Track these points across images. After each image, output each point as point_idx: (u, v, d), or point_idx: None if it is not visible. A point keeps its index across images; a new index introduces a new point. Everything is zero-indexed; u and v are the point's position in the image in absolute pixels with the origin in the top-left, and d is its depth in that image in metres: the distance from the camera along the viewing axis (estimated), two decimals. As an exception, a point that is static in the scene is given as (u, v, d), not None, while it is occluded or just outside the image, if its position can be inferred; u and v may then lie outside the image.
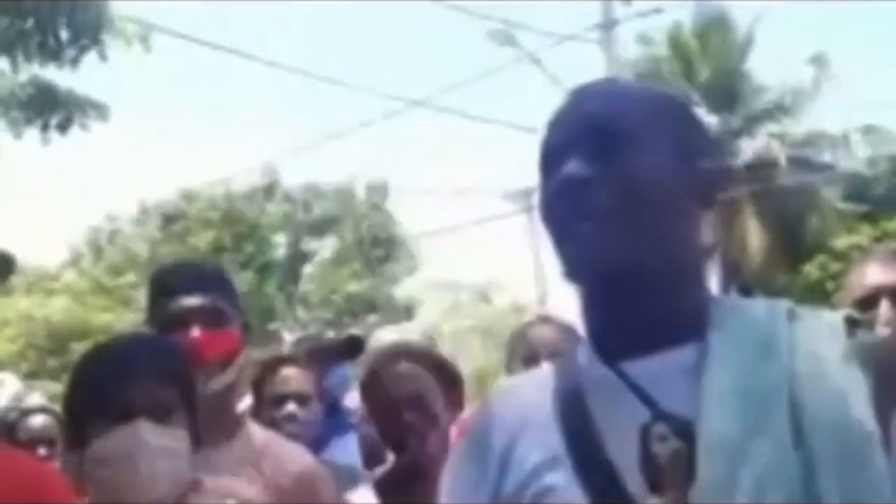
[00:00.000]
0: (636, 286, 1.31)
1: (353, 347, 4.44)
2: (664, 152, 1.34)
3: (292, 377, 3.79)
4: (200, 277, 2.49)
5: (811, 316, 1.35)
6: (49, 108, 7.64)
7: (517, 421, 1.37)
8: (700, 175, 1.37)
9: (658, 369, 1.31)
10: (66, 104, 7.68)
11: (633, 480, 1.27)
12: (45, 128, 7.70)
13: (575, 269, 1.33)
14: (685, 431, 1.26)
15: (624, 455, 1.28)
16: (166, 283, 2.49)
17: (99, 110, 7.81)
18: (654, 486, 1.26)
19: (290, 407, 3.72)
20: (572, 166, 1.32)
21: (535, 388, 1.41)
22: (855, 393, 1.26)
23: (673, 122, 1.38)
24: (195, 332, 2.38)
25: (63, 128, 7.68)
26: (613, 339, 1.34)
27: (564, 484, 1.29)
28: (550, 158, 1.37)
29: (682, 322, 1.32)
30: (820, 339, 1.31)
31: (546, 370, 1.45)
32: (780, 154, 20.15)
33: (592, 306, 1.37)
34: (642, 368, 1.31)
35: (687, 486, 1.24)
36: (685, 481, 1.24)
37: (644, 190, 1.32)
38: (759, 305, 1.36)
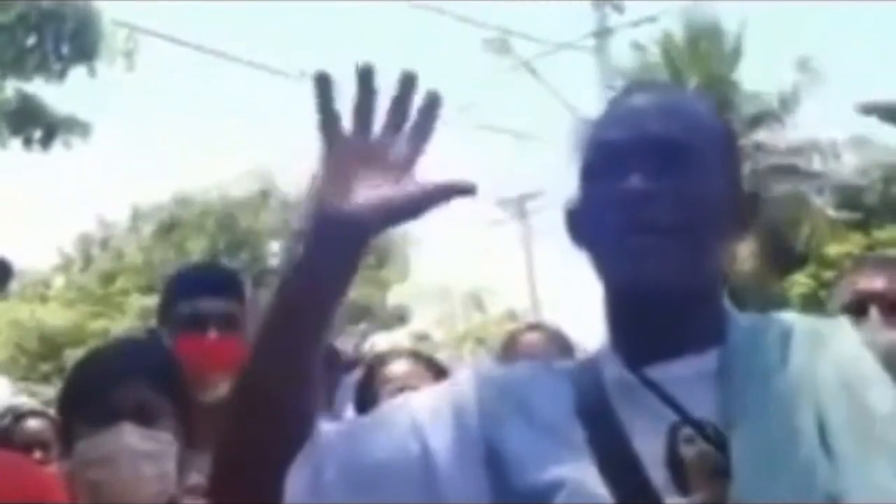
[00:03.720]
0: (678, 298, 1.34)
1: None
2: (718, 175, 1.38)
3: None
4: (220, 282, 2.48)
5: (814, 324, 1.40)
6: (32, 124, 7.63)
7: (515, 408, 1.35)
8: (744, 199, 1.42)
9: (681, 374, 1.33)
10: (50, 121, 7.66)
11: (656, 479, 1.27)
12: (27, 142, 7.69)
13: (625, 280, 1.34)
14: (711, 435, 1.27)
15: (648, 454, 1.29)
16: (185, 284, 2.47)
17: (82, 128, 7.80)
18: (679, 487, 1.27)
19: None
20: (636, 181, 1.33)
21: (538, 378, 1.40)
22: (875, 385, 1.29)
23: (726, 147, 1.43)
24: (212, 335, 2.36)
25: (45, 144, 7.67)
26: (639, 344, 1.36)
27: (586, 476, 1.28)
28: (604, 168, 1.38)
29: (705, 330, 1.35)
30: (827, 341, 1.35)
31: (552, 368, 1.45)
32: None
33: (625, 313, 1.38)
34: (665, 373, 1.33)
35: (713, 489, 1.25)
36: (712, 484, 1.26)
37: (701, 210, 1.35)
38: (765, 318, 1.40)
